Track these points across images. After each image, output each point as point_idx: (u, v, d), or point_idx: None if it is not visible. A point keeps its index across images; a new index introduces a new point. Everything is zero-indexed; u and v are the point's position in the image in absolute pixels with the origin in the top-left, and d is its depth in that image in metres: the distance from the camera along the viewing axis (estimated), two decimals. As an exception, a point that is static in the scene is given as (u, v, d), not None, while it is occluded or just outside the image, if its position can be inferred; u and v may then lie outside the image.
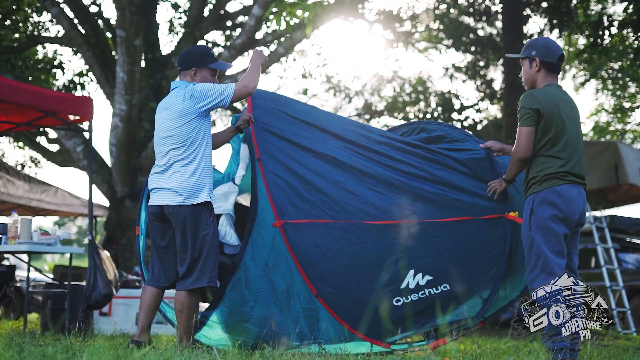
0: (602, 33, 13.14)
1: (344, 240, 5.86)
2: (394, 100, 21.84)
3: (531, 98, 5.45)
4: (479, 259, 6.08)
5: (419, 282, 5.91)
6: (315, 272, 5.74)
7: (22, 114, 8.93)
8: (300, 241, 5.76)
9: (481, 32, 19.80)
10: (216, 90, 5.63)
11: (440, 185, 6.10)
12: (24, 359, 4.20)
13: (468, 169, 6.17)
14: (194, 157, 5.63)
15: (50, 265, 30.48)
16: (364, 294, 5.79)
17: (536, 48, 5.61)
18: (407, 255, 5.90)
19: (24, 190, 13.74)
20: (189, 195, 5.57)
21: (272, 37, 16.26)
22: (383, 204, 5.99)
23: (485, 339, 9.43)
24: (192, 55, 5.98)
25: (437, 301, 5.92)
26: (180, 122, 5.65)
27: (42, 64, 17.80)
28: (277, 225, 5.71)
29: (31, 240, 8.01)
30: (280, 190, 5.84)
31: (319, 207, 5.89)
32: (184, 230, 5.58)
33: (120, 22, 14.17)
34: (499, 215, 6.03)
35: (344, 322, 5.73)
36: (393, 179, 6.07)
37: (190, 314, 5.52)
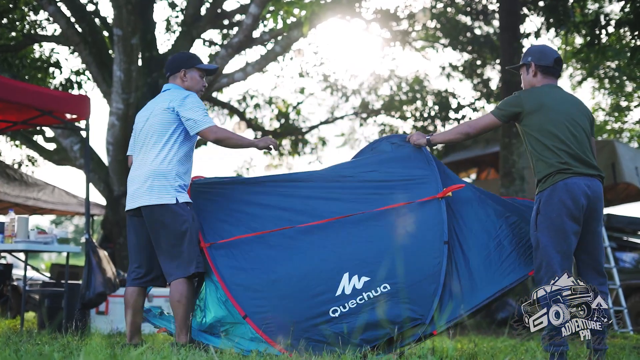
0: (599, 32, 13.14)
1: (271, 252, 5.71)
2: (391, 99, 21.81)
3: (514, 97, 5.57)
4: (416, 248, 5.59)
5: (355, 285, 5.46)
6: (243, 291, 5.57)
7: (18, 112, 8.92)
8: (225, 264, 5.67)
9: (478, 31, 19.81)
10: (200, 115, 5.71)
11: (368, 182, 5.96)
12: (21, 357, 4.20)
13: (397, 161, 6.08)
14: (165, 156, 5.71)
15: (47, 264, 30.45)
16: (297, 309, 5.49)
17: (531, 54, 5.71)
18: (338, 256, 5.61)
19: (21, 189, 13.74)
20: (159, 195, 5.65)
21: (269, 35, 16.25)
22: (306, 208, 5.87)
23: (482, 338, 9.45)
24: (179, 58, 6.12)
25: (379, 305, 5.40)
26: (159, 118, 5.77)
27: (39, 62, 17.76)
28: (203, 246, 5.71)
29: (28, 239, 8.02)
30: (204, 214, 5.89)
31: (241, 224, 5.84)
32: (163, 228, 5.64)
33: (117, 20, 14.16)
34: (432, 197, 5.71)
35: (276, 345, 5.38)
36: (317, 187, 6.01)
37: (189, 303, 5.56)
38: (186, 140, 5.79)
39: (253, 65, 15.37)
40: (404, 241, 5.60)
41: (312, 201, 5.91)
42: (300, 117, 23.19)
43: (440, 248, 5.56)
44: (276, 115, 22.66)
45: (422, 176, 5.92)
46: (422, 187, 5.83)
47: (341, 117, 23.64)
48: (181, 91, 5.88)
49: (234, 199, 6.03)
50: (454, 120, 20.71)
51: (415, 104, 21.33)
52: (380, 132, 22.59)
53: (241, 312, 5.46)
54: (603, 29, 13.17)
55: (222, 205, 6.00)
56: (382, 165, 6.09)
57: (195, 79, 6.04)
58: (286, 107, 22.86)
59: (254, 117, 22.39)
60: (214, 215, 5.93)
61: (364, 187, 5.95)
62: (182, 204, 5.65)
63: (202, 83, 6.10)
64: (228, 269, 5.65)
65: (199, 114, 5.70)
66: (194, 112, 5.70)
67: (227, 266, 5.66)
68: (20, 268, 13.60)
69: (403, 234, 5.62)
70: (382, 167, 6.08)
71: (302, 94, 23.17)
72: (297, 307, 5.48)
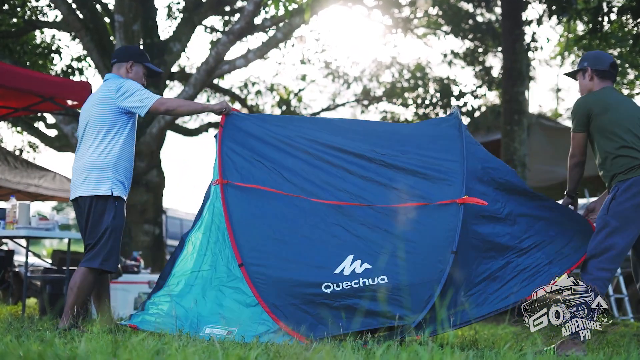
0: (602, 19, 13.08)
1: (284, 213, 5.73)
2: (393, 86, 21.79)
3: (579, 103, 5.73)
4: (423, 250, 5.51)
5: (355, 269, 5.44)
6: (246, 240, 5.61)
7: (20, 99, 8.93)
8: (237, 205, 5.71)
9: (480, 19, 19.75)
10: (140, 96, 5.82)
11: (397, 169, 5.89)
12: (22, 343, 4.21)
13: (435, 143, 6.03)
14: (104, 149, 5.82)
15: (48, 250, 30.45)
16: (293, 272, 5.50)
17: (587, 59, 5.88)
18: (347, 238, 5.62)
19: (22, 175, 13.71)
20: (93, 186, 5.79)
21: (270, 22, 16.22)
22: (333, 183, 5.86)
23: (483, 325, 9.45)
24: (131, 50, 6.33)
25: (372, 295, 5.34)
26: (100, 109, 5.88)
27: (40, 49, 17.75)
28: (218, 183, 5.75)
29: (29, 225, 8.02)
30: (230, 156, 5.91)
31: (265, 176, 5.85)
32: (91, 217, 5.81)
33: (119, 7, 14.14)
34: (452, 200, 5.58)
35: (264, 302, 5.38)
36: (347, 164, 5.95)
37: (80, 294, 5.75)
38: (124, 131, 5.89)
39: (254, 51, 15.34)
40: (414, 240, 5.56)
41: (339, 179, 5.89)
42: (301, 104, 23.17)
43: (446, 257, 5.44)
44: (277, 102, 22.65)
45: (450, 172, 5.80)
46: (446, 186, 5.72)
47: (343, 104, 23.62)
48: (116, 81, 5.96)
49: (268, 143, 6.02)
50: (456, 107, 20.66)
51: (417, 91, 21.30)
52: (382, 119, 22.57)
53: (238, 260, 5.51)
54: (605, 16, 13.11)
55: (253, 147, 5.99)
56: (420, 147, 6.02)
57: (138, 74, 6.16)
58: (287, 94, 22.84)
59: (256, 104, 22.37)
60: (242, 154, 5.94)
61: (391, 174, 5.88)
62: (114, 198, 5.79)
63: (143, 80, 6.19)
64: (238, 209, 5.69)
65: (139, 95, 5.81)
66: (134, 96, 5.81)
67: (238, 206, 5.70)
68: (21, 254, 13.61)
69: (415, 233, 5.59)
70: (419, 149, 6.01)
71: (303, 81, 23.15)
72: (294, 272, 5.49)
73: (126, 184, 5.92)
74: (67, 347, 3.93)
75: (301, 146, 6.02)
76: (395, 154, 5.96)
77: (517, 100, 14.14)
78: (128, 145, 5.91)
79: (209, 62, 14.15)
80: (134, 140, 6.04)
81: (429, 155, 5.92)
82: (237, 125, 6.08)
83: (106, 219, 5.76)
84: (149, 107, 5.78)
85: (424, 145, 6.03)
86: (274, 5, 11.81)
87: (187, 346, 4.20)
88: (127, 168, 5.92)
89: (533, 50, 17.62)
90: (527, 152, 14.00)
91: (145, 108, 5.78)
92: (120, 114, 5.83)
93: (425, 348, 4.05)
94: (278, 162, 5.96)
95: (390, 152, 5.98)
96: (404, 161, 5.91)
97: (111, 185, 5.76)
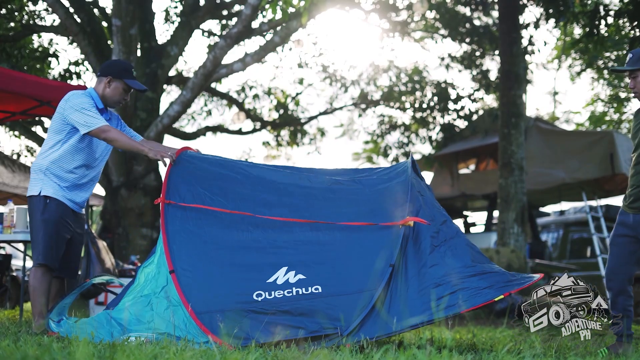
0: (598, 22, 13.13)
1: (222, 228, 5.78)
2: (390, 89, 21.81)
3: None
4: (361, 263, 5.54)
5: (289, 279, 5.44)
6: (179, 249, 5.61)
7: (17, 103, 8.92)
8: (175, 221, 5.76)
9: (477, 22, 19.78)
10: (84, 115, 5.90)
11: (344, 193, 6.05)
12: (20, 347, 4.21)
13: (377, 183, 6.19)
14: (47, 155, 6.03)
15: (46, 255, 30.45)
16: (224, 280, 5.50)
17: None
18: (284, 253, 5.62)
19: (20, 179, 13.72)
20: (32, 187, 6.01)
21: (268, 26, 16.24)
22: (275, 201, 5.94)
23: (481, 328, 9.46)
24: (113, 65, 6.25)
25: (304, 303, 5.31)
26: (54, 117, 6.05)
27: (37, 53, 17.75)
28: (160, 201, 5.81)
29: (27, 229, 8.01)
30: (174, 181, 5.96)
31: (207, 198, 5.90)
32: (29, 216, 6.06)
33: (116, 11, 14.14)
34: (393, 223, 5.67)
35: (192, 310, 5.29)
36: (291, 185, 6.09)
37: (36, 291, 5.88)
38: (71, 139, 6.00)
39: (252, 55, 15.35)
40: (352, 253, 5.60)
41: (281, 196, 5.99)
42: (299, 107, 23.19)
43: (384, 269, 5.46)
44: (275, 106, 22.66)
45: (396, 198, 5.95)
46: (392, 209, 5.84)
47: (340, 107, 23.64)
48: (69, 94, 6.04)
49: (211, 173, 6.12)
50: (453, 111, 20.72)
51: (415, 95, 21.34)
52: (379, 123, 22.60)
53: (170, 266, 5.48)
54: (602, 20, 13.16)
55: (197, 176, 6.07)
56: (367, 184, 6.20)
57: (118, 90, 6.16)
58: (285, 98, 22.86)
59: (253, 107, 22.39)
60: (186, 181, 6.00)
61: (336, 198, 6.02)
62: (41, 196, 5.92)
63: (123, 96, 6.22)
64: (177, 225, 5.74)
65: (84, 116, 5.89)
66: (79, 115, 5.89)
67: (176, 222, 5.76)
68: (19, 258, 13.61)
69: (355, 248, 5.63)
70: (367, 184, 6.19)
71: (301, 85, 23.16)
72: (225, 280, 5.49)
73: (60, 186, 5.99)
74: (65, 352, 3.92)
75: (243, 173, 6.16)
76: (349, 182, 6.21)
77: (514, 103, 14.17)
78: (71, 151, 6.01)
79: (206, 65, 14.16)
80: (85, 150, 6.10)
81: (376, 197, 6.08)
82: (186, 162, 6.14)
83: (37, 216, 5.92)
84: (90, 129, 5.87)
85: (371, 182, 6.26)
86: (271, 9, 11.82)
87: (184, 350, 4.20)
88: (62, 173, 6.01)
89: (530, 54, 17.66)
90: (524, 155, 14.03)
91: (86, 128, 5.88)
92: (66, 124, 5.97)
93: (423, 352, 4.05)
94: (221, 187, 6.04)
95: (346, 179, 6.25)
96: (353, 188, 6.13)
97: (41, 186, 5.93)
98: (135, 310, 5.59)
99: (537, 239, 16.92)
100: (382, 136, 22.80)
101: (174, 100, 14.60)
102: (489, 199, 18.83)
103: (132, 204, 14.62)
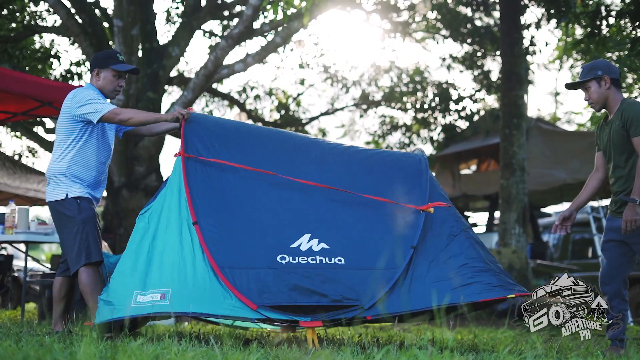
0: (600, 23, 13.11)
1: (244, 186, 5.77)
2: (392, 90, 21.81)
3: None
4: (383, 240, 5.66)
5: (312, 247, 5.46)
6: (202, 202, 5.54)
7: (19, 103, 8.93)
8: (197, 176, 5.71)
9: (478, 23, 19.77)
10: (92, 104, 5.83)
11: (366, 167, 6.20)
12: (22, 348, 4.21)
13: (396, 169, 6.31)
14: (63, 157, 5.91)
15: (47, 255, 30.46)
16: (248, 239, 5.45)
17: (600, 68, 5.84)
18: (307, 217, 5.69)
19: (21, 180, 13.73)
20: (55, 192, 5.90)
21: (269, 26, 16.24)
22: (297, 164, 6.01)
23: (482, 329, 9.46)
24: (97, 57, 6.19)
25: (327, 273, 5.32)
26: (61, 119, 5.96)
27: (39, 53, 17.75)
28: (180, 154, 5.78)
29: (28, 229, 8.02)
30: (191, 137, 5.93)
31: (227, 154, 5.91)
32: (57, 221, 5.92)
33: (117, 11, 14.15)
34: (416, 207, 5.84)
35: (215, 263, 5.19)
36: (308, 145, 6.30)
37: (92, 291, 5.71)
38: (84, 137, 5.93)
39: (253, 56, 15.36)
40: (374, 230, 5.72)
41: (304, 162, 6.06)
42: (300, 108, 23.20)
43: (406, 249, 5.59)
44: (276, 107, 22.66)
45: (415, 183, 6.14)
46: (411, 193, 6.01)
47: (341, 108, 23.65)
48: (75, 91, 6.00)
49: (228, 135, 6.14)
50: (454, 112, 20.72)
51: (416, 95, 21.34)
52: (381, 124, 22.59)
53: (193, 218, 5.40)
54: (604, 20, 13.13)
55: (215, 134, 6.07)
56: (386, 163, 6.37)
57: (108, 79, 6.08)
58: (286, 98, 22.86)
59: (254, 108, 22.39)
60: (203, 138, 5.99)
61: (358, 171, 6.15)
62: (71, 199, 5.83)
63: (116, 83, 6.12)
64: (198, 180, 5.70)
65: (92, 105, 5.82)
66: (87, 105, 5.82)
67: (198, 177, 5.71)
68: (20, 259, 13.61)
69: (377, 224, 5.77)
70: (386, 164, 6.35)
71: (302, 85, 23.16)
72: (249, 239, 5.46)
73: (83, 185, 5.92)
74: (66, 352, 3.93)
75: (257, 132, 6.30)
76: (371, 155, 6.47)
77: (515, 104, 14.16)
78: (87, 149, 5.94)
79: (207, 66, 14.16)
80: (99, 147, 6.03)
81: (394, 176, 6.24)
82: (199, 119, 6.14)
83: (68, 219, 5.82)
84: (102, 114, 5.78)
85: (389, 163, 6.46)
86: (272, 9, 11.84)
87: (186, 350, 4.20)
88: (82, 172, 5.93)
89: (532, 54, 17.65)
90: (525, 156, 14.02)
91: (98, 114, 5.79)
92: (77, 122, 5.88)
93: (424, 352, 4.05)
94: (240, 146, 6.06)
95: (367, 155, 6.48)
96: (375, 162, 6.34)
97: (66, 189, 5.84)
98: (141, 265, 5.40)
99: (539, 239, 16.92)
100: (384, 137, 22.80)
101: (175, 100, 14.60)
102: (490, 199, 18.84)
103: (134, 204, 14.62)
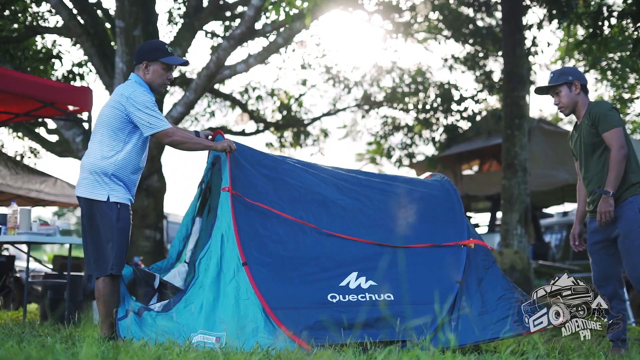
0: (602, 23, 13.10)
1: (289, 232, 5.77)
2: (393, 90, 21.78)
3: (610, 104, 5.93)
4: (429, 277, 5.80)
5: (361, 284, 5.55)
6: (250, 243, 5.53)
7: (21, 104, 8.94)
8: (244, 217, 5.66)
9: (480, 23, 19.74)
10: (150, 115, 5.66)
11: (400, 212, 6.19)
12: (24, 349, 4.21)
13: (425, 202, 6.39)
14: (111, 157, 5.71)
15: (49, 256, 30.48)
16: (297, 279, 5.49)
17: (571, 73, 5.96)
18: (352, 257, 5.74)
19: (23, 180, 13.72)
20: (96, 191, 5.70)
21: (271, 27, 16.22)
22: (342, 224, 6.00)
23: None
24: (144, 48, 5.99)
25: (379, 306, 5.42)
26: (110, 112, 5.75)
27: (41, 54, 17.75)
28: (227, 189, 5.71)
29: (30, 230, 8.02)
30: (237, 173, 5.88)
31: (270, 199, 5.89)
32: (90, 221, 5.73)
33: (119, 12, 14.15)
34: (456, 242, 6.03)
35: (266, 303, 5.17)
36: (357, 208, 6.19)
37: (108, 301, 5.61)
38: (133, 138, 5.78)
39: (255, 57, 15.34)
40: (418, 268, 5.82)
41: (342, 217, 6.06)
42: (302, 108, 23.17)
43: (451, 285, 5.76)
44: (278, 107, 22.64)
45: (451, 217, 6.29)
46: (450, 228, 6.17)
47: (343, 109, 23.61)
48: (130, 86, 5.81)
49: (270, 174, 6.13)
50: (456, 112, 20.70)
51: (418, 96, 21.31)
52: (383, 124, 22.57)
53: (242, 259, 5.37)
54: (606, 21, 13.13)
55: (259, 172, 6.06)
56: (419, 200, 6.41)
57: (157, 72, 5.91)
58: (288, 99, 22.84)
59: (256, 108, 22.37)
60: (248, 176, 5.96)
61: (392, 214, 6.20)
62: (112, 203, 5.67)
63: (165, 77, 5.96)
64: (245, 221, 5.65)
65: (150, 116, 5.66)
66: (145, 115, 5.65)
67: (245, 218, 5.66)
68: (22, 260, 13.60)
69: (419, 263, 5.87)
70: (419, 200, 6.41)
71: (304, 86, 23.13)
72: (298, 279, 5.48)
73: (126, 189, 5.80)
74: (68, 353, 3.93)
75: (293, 175, 6.23)
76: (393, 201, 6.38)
77: (517, 104, 14.14)
78: (134, 152, 5.78)
79: (209, 67, 14.15)
80: (144, 148, 5.90)
81: (431, 214, 6.35)
82: (245, 154, 6.14)
83: (105, 224, 5.66)
84: (155, 131, 5.64)
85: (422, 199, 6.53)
86: (274, 10, 11.82)
87: (188, 352, 4.20)
88: (127, 176, 5.80)
89: (533, 55, 17.63)
90: (527, 157, 14.00)
91: (151, 130, 5.64)
92: (127, 122, 5.70)
93: (426, 352, 4.04)
94: (277, 188, 6.05)
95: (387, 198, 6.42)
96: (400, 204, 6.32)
97: (109, 191, 5.68)
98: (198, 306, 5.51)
99: (541, 240, 16.89)
100: (386, 137, 22.77)
101: (177, 101, 14.60)
102: (492, 200, 18.80)
103: (136, 205, 14.59)
